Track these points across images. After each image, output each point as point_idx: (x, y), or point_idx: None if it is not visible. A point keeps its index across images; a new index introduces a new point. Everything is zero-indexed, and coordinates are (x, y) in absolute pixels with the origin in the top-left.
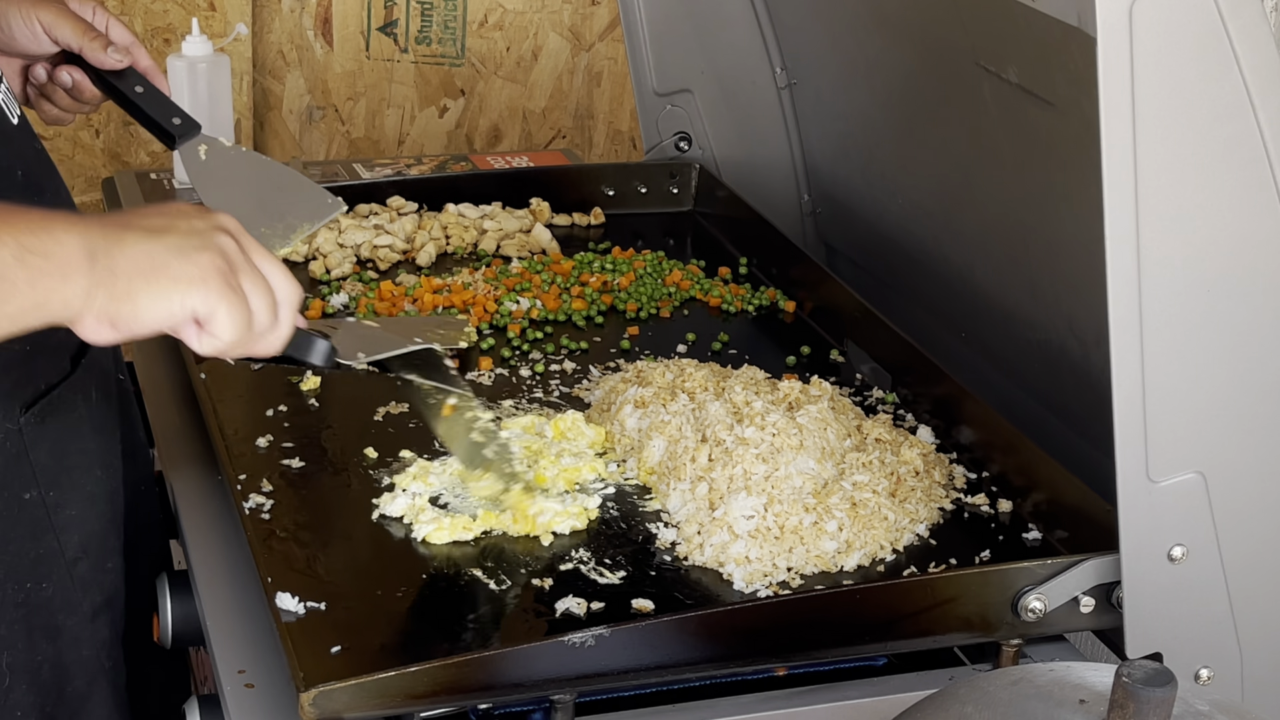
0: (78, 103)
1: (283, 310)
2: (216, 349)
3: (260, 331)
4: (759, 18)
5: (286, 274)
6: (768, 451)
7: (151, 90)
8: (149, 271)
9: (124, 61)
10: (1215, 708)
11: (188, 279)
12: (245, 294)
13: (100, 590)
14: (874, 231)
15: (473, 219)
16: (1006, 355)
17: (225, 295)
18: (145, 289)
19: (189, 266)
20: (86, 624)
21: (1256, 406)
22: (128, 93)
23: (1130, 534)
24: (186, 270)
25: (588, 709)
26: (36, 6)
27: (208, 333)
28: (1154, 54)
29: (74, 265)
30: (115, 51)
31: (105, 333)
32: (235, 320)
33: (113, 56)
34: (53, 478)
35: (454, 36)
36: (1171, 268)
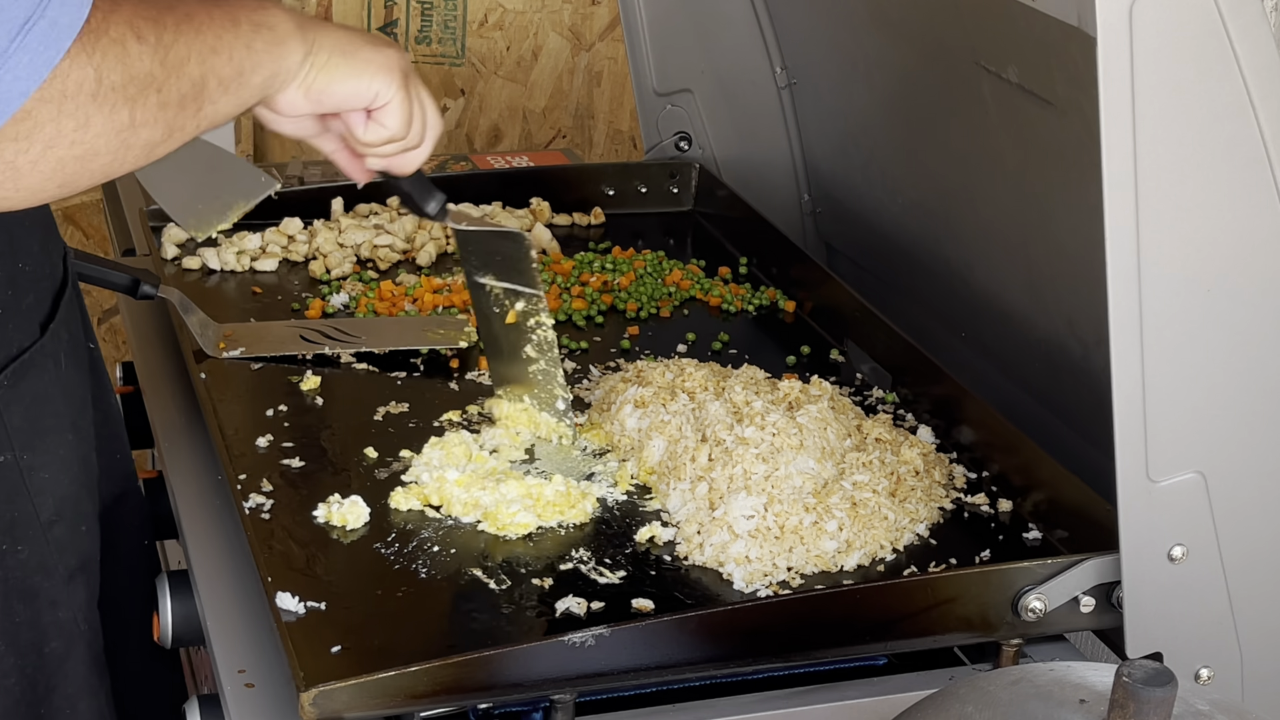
0: None
1: (430, 132)
2: (378, 137)
3: (412, 141)
4: (759, 18)
5: (435, 107)
6: (768, 451)
7: None
8: (348, 51)
9: None
10: (1215, 708)
11: (378, 65)
12: (413, 97)
13: (75, 553)
14: (874, 231)
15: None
16: (1006, 355)
17: (403, 89)
18: (344, 64)
19: (380, 55)
20: (63, 586)
21: (1256, 406)
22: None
23: (1130, 534)
24: (377, 58)
25: (588, 709)
26: None
27: (376, 121)
28: (1154, 54)
29: (293, 36)
30: None
31: (300, 102)
32: (402, 116)
33: None
34: (26, 440)
35: (454, 36)
36: (1171, 268)
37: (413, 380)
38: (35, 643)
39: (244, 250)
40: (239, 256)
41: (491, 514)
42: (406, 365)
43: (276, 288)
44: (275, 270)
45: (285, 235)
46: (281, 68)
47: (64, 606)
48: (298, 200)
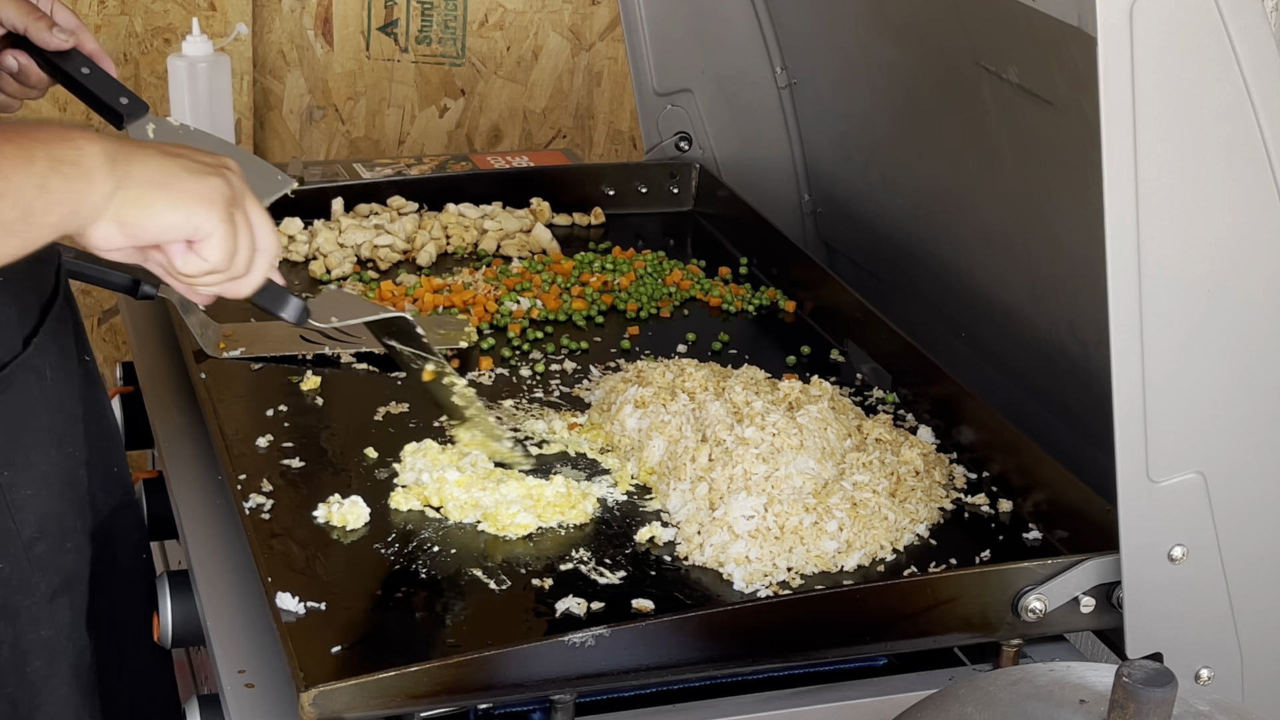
0: (25, 88)
1: (259, 258)
2: (198, 269)
3: (236, 272)
4: (759, 18)
5: (272, 226)
6: (768, 451)
7: (98, 71)
8: (163, 183)
9: (69, 42)
10: (1215, 708)
11: (197, 197)
12: (238, 228)
13: (59, 571)
14: (874, 231)
15: (473, 219)
16: (1006, 355)
17: (224, 221)
18: (160, 196)
19: (200, 185)
20: (45, 605)
21: (1256, 406)
22: (74, 74)
23: (1130, 534)
24: (197, 188)
25: (588, 709)
26: None
27: (196, 253)
28: (1154, 54)
29: (100, 170)
30: (60, 32)
31: (114, 237)
32: (224, 248)
33: (58, 37)
34: (6, 456)
35: (454, 36)
36: (1171, 268)
37: (413, 380)
38: (17, 662)
39: None
40: None
41: (491, 515)
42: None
43: None
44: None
45: (285, 235)
46: (84, 204)
47: (47, 625)
48: (298, 200)
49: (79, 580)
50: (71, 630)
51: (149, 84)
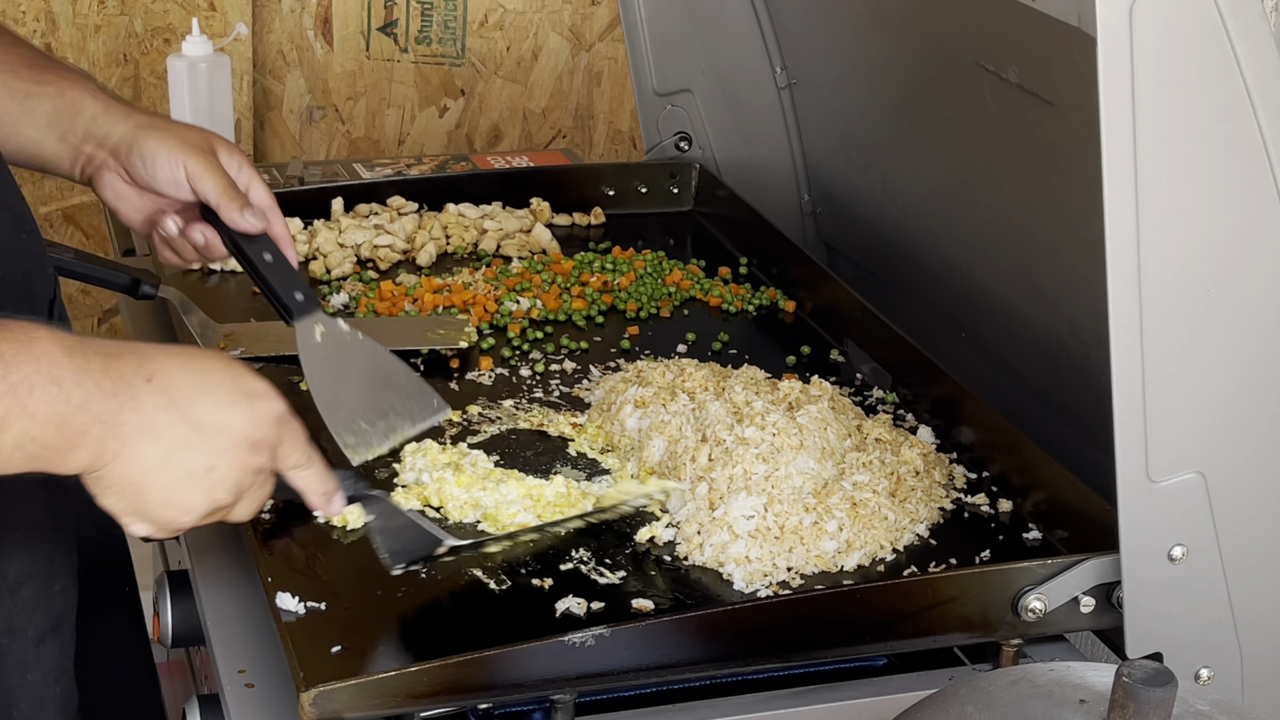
0: (201, 256)
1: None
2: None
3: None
4: (759, 18)
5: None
6: (768, 451)
7: (280, 261)
8: (128, 491)
9: (259, 227)
10: (1215, 708)
11: (147, 519)
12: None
13: (47, 614)
14: (874, 231)
15: (473, 219)
16: (1006, 355)
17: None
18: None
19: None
20: (32, 648)
21: (1256, 406)
22: (255, 259)
23: (1130, 534)
24: (157, 513)
25: (588, 709)
26: (185, 152)
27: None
28: (1154, 54)
29: (76, 461)
30: (251, 216)
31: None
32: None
33: (248, 221)
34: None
35: (454, 36)
36: (1171, 268)
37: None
38: (3, 705)
39: None
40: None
41: (491, 515)
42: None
43: None
44: None
45: None
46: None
47: (34, 669)
48: (298, 200)
49: (66, 621)
50: (60, 672)
51: (149, 84)
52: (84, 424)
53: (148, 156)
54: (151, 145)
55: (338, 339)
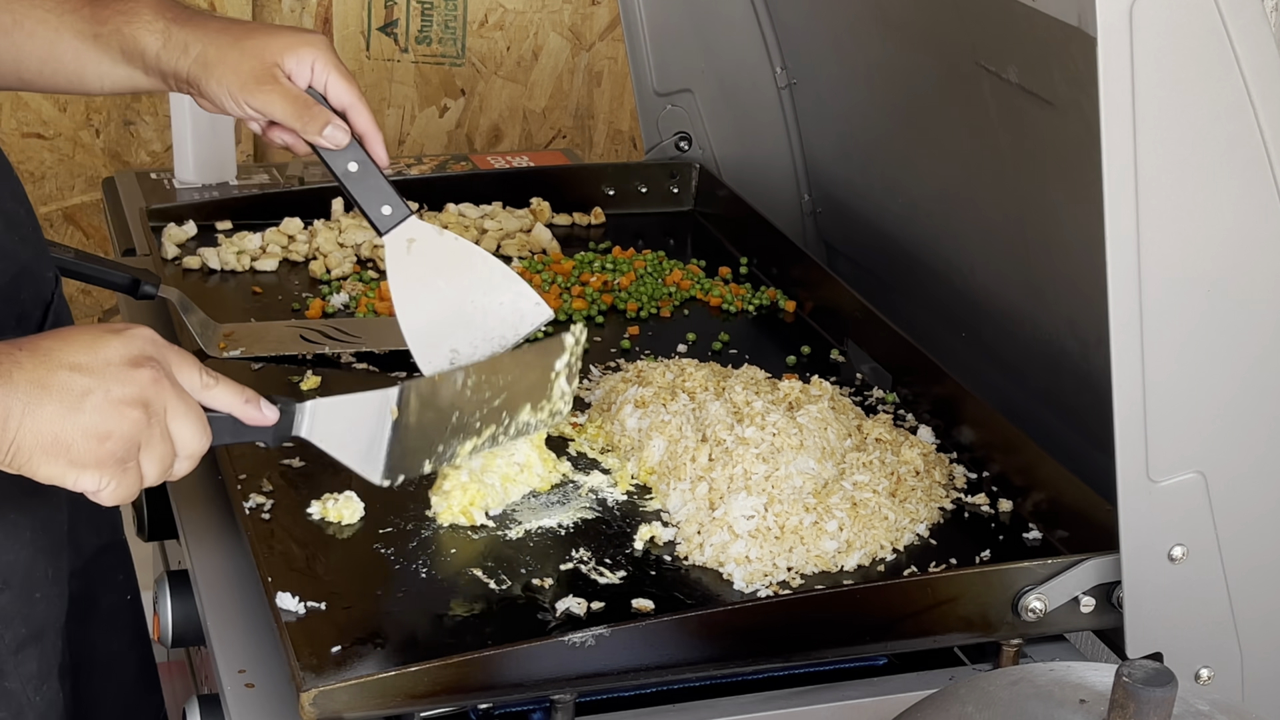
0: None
1: (179, 464)
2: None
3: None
4: (759, 18)
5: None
6: (768, 451)
7: (365, 170)
8: (51, 447)
9: (341, 143)
10: (1215, 708)
11: (84, 463)
12: (140, 467)
13: (25, 623)
14: (874, 231)
15: (473, 219)
16: (1006, 355)
17: (116, 475)
18: (43, 463)
19: (91, 449)
20: (10, 656)
21: (1256, 406)
22: (340, 171)
23: (1130, 534)
24: (87, 453)
25: (588, 709)
26: (243, 90)
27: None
28: (1154, 54)
29: None
30: (331, 130)
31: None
32: (120, 494)
33: (327, 139)
34: None
35: (454, 36)
36: (1171, 268)
37: (412, 380)
38: None
39: (244, 250)
40: (239, 256)
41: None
42: (406, 365)
43: (276, 288)
44: (275, 270)
45: (285, 235)
46: None
47: (12, 677)
48: (298, 200)
49: (50, 630)
50: (40, 681)
51: None
52: None
53: (211, 97)
54: (213, 88)
55: (431, 246)
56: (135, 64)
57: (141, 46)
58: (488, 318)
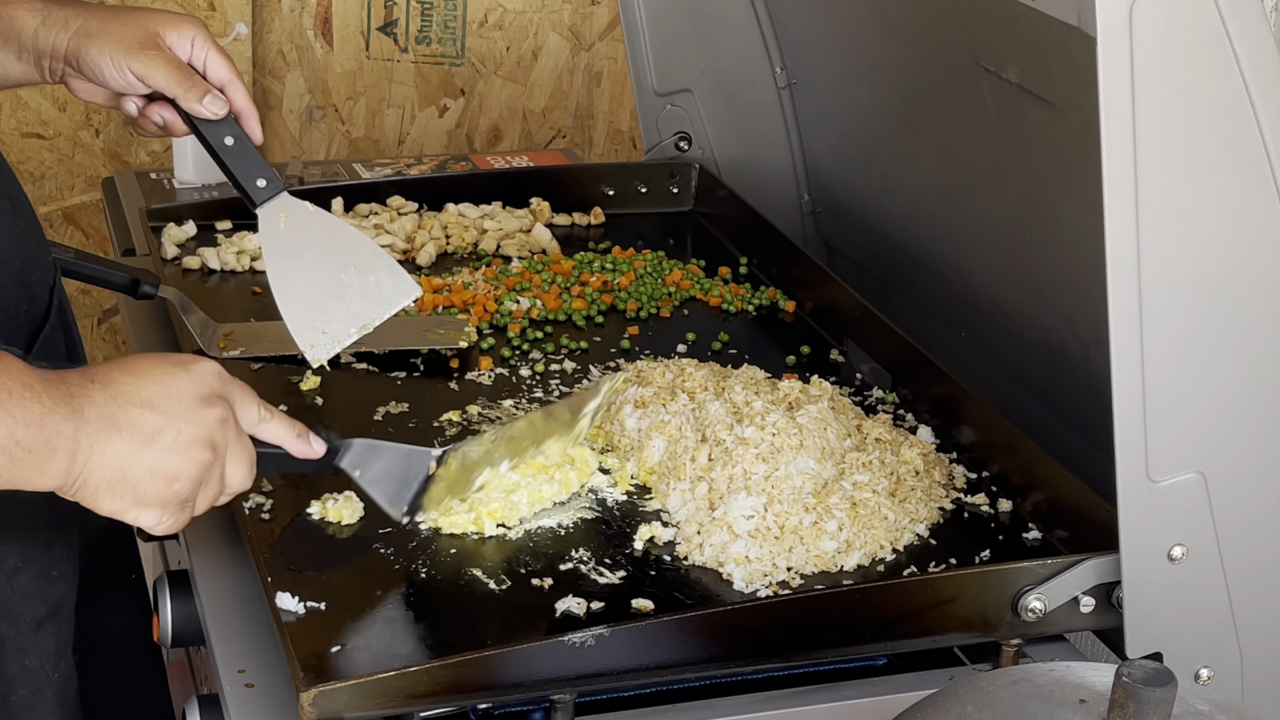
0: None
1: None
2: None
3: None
4: (759, 18)
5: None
6: (768, 451)
7: (241, 145)
8: (118, 485)
9: (220, 112)
10: (1215, 708)
11: (148, 501)
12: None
13: (44, 600)
14: (874, 231)
15: (473, 219)
16: (1006, 355)
17: (174, 514)
18: (108, 498)
19: (158, 488)
20: (30, 634)
21: (1256, 406)
22: (216, 144)
23: (1130, 534)
24: (153, 492)
25: (588, 709)
26: (127, 55)
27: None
28: (1154, 54)
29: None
30: (211, 101)
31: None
32: (173, 527)
33: (208, 108)
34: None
35: (454, 36)
36: (1171, 268)
37: (412, 380)
38: (1, 691)
39: (244, 250)
40: (239, 256)
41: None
42: (406, 365)
43: None
44: None
45: None
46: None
47: (32, 654)
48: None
49: (66, 607)
50: (58, 658)
51: None
52: (56, 423)
53: (93, 66)
54: (94, 55)
55: (304, 222)
56: (10, 46)
57: (19, 25)
58: (359, 296)
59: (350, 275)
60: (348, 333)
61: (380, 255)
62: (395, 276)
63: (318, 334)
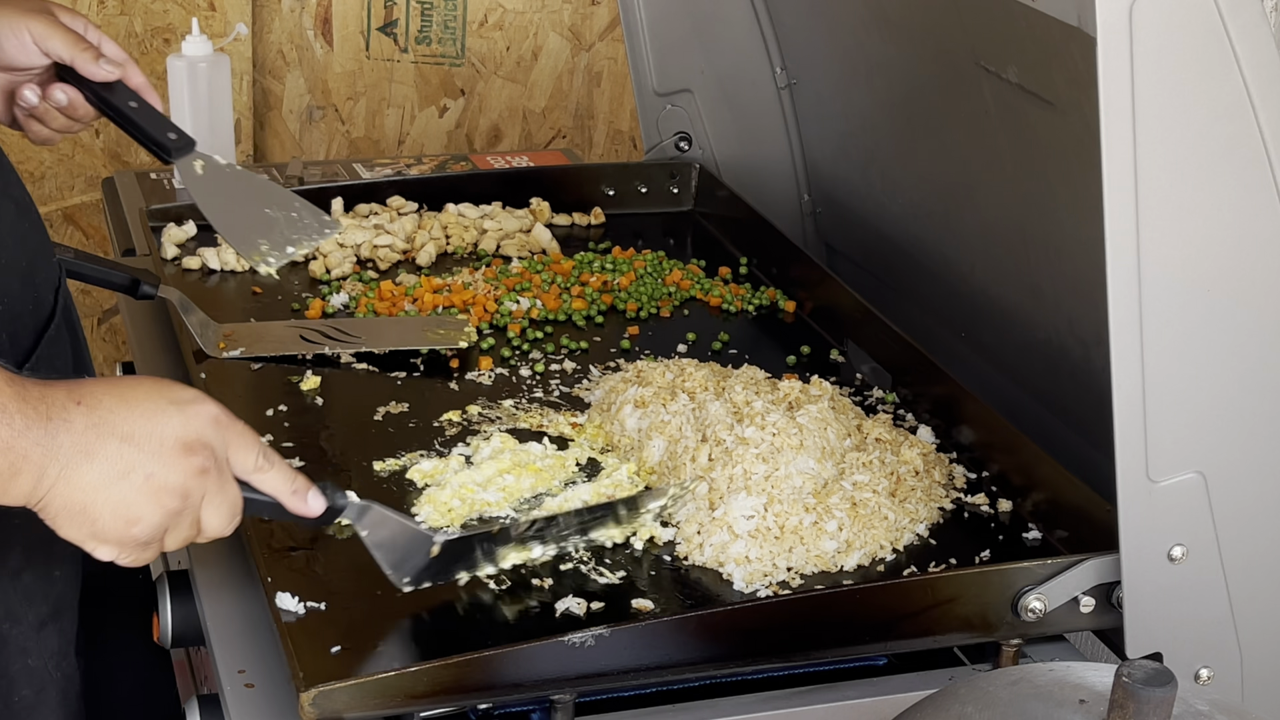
0: (71, 120)
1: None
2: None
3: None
4: (759, 18)
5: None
6: (768, 451)
7: (145, 106)
8: (78, 515)
9: (116, 73)
10: (1215, 708)
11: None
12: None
13: (46, 600)
14: (874, 231)
15: (473, 219)
16: (1006, 355)
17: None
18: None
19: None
20: (33, 634)
21: (1256, 406)
22: (122, 107)
23: (1130, 534)
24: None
25: (588, 709)
26: (26, 17)
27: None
28: (1154, 54)
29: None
30: (107, 64)
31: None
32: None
33: (104, 68)
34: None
35: (454, 36)
36: (1171, 268)
37: (413, 380)
38: (3, 692)
39: None
40: (239, 256)
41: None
42: (406, 365)
43: (276, 288)
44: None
45: None
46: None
47: (34, 654)
48: None
49: (68, 607)
50: (60, 658)
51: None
52: (24, 448)
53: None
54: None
55: (219, 172)
56: None
57: None
58: (285, 226)
59: (273, 210)
60: (285, 251)
61: (294, 195)
62: (315, 213)
63: (259, 248)
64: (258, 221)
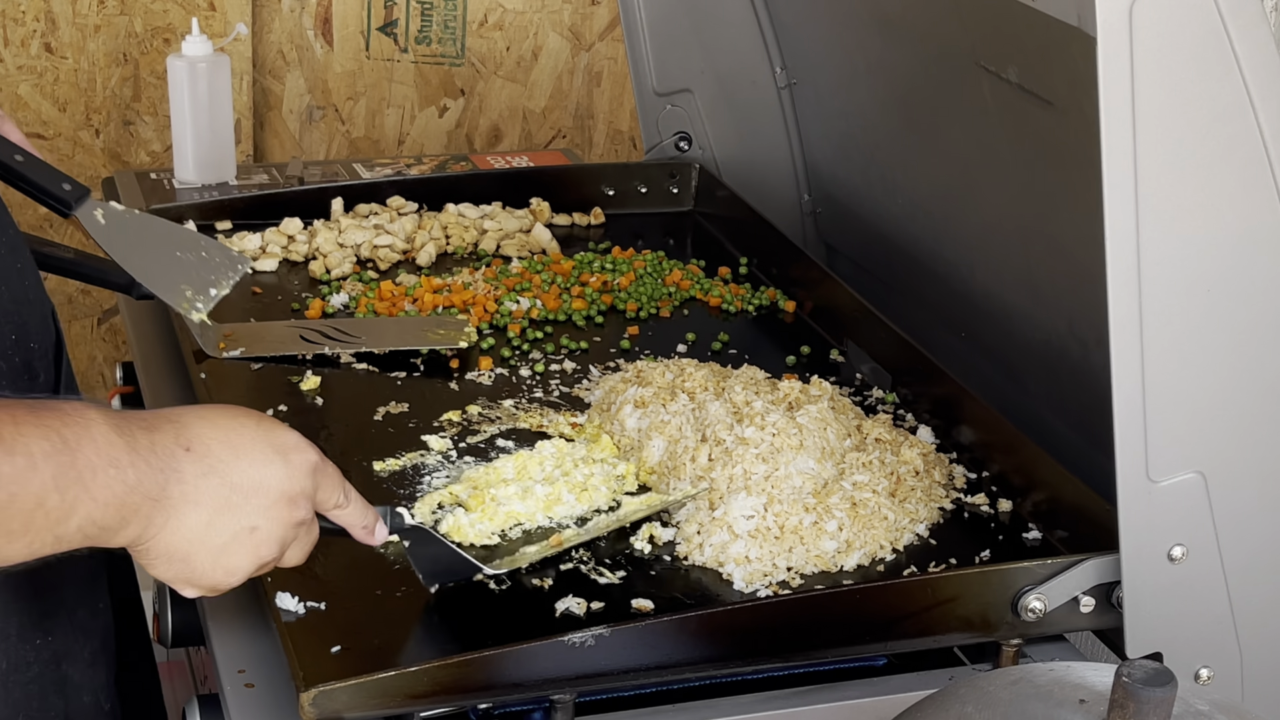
0: None
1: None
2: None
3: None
4: (759, 18)
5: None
6: (768, 451)
7: (33, 158)
8: (177, 561)
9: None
10: (1215, 708)
11: (199, 583)
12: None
13: (96, 634)
14: (874, 231)
15: (473, 219)
16: (1006, 355)
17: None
18: (163, 567)
19: (215, 576)
20: (86, 670)
21: (1256, 406)
22: (8, 161)
23: (1130, 534)
24: (207, 576)
25: (588, 709)
26: None
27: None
28: (1154, 54)
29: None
30: None
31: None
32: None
33: None
34: None
35: (454, 36)
36: (1171, 268)
37: (412, 380)
38: None
39: (244, 250)
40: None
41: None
42: (406, 365)
43: (276, 288)
44: (275, 270)
45: (285, 235)
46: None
47: (88, 690)
48: (298, 200)
49: (110, 638)
50: (108, 690)
51: (148, 84)
52: (136, 502)
53: None
54: None
55: (120, 218)
56: None
57: None
58: (200, 266)
59: (183, 253)
60: (209, 294)
61: (199, 235)
62: (223, 250)
63: (185, 295)
64: (173, 267)
